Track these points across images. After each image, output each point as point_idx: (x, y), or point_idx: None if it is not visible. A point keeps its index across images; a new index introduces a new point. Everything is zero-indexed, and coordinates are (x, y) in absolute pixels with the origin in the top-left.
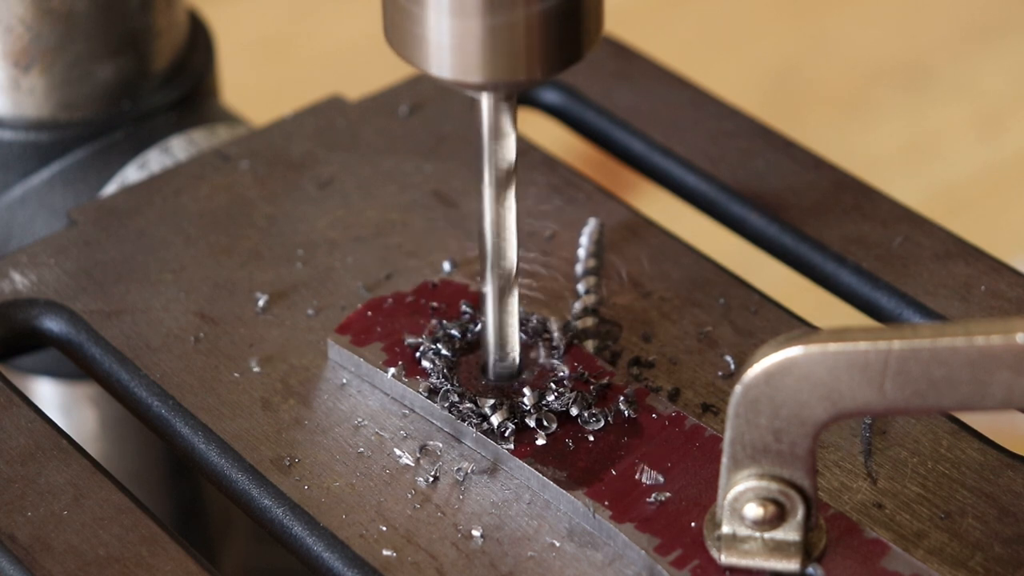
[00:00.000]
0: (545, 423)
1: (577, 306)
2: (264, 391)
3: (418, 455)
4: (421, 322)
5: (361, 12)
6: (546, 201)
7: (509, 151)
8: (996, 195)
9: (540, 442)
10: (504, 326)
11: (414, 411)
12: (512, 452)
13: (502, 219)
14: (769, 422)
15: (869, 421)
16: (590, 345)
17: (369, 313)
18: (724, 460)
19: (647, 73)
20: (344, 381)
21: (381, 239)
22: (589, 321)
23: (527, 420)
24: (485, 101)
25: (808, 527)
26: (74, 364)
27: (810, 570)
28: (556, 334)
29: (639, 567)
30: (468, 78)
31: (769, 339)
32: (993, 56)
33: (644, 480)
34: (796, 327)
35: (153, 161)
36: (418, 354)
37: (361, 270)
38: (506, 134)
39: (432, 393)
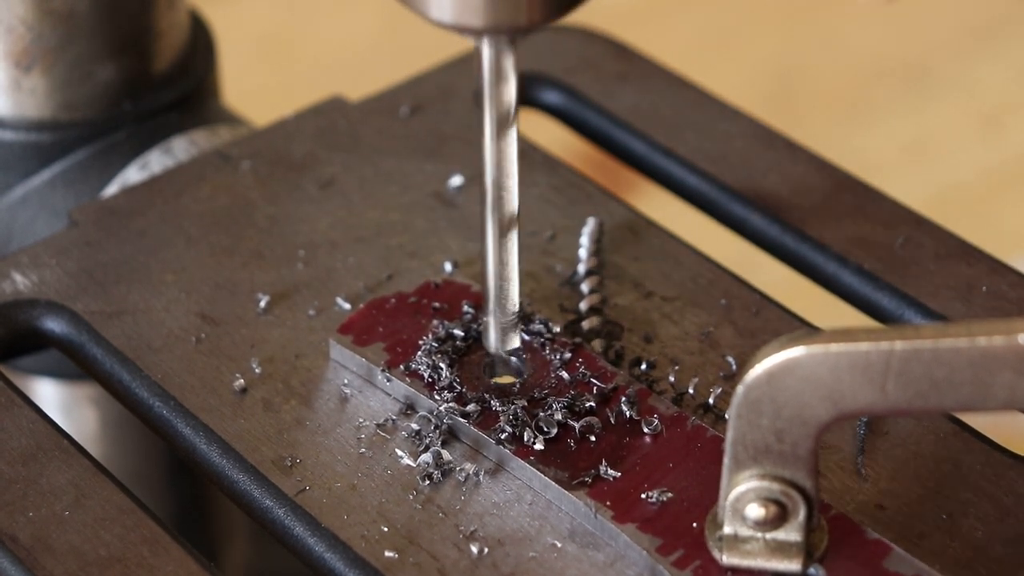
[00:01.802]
0: (546, 425)
1: (582, 306)
2: (265, 392)
3: (420, 456)
4: (423, 322)
5: (361, 12)
6: (547, 202)
7: (510, 97)
8: (997, 195)
9: (541, 443)
10: (504, 279)
11: (416, 411)
12: (514, 453)
13: (503, 168)
14: (771, 422)
15: (865, 419)
16: (597, 345)
17: (371, 313)
18: (726, 460)
19: (648, 73)
20: (346, 381)
21: (382, 239)
22: (595, 320)
23: (529, 421)
24: (486, 46)
25: (810, 528)
26: (75, 365)
27: (812, 571)
28: (559, 334)
29: (641, 567)
30: (469, 22)
31: (771, 340)
32: (993, 56)
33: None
34: (798, 328)
35: (154, 162)
36: (420, 354)
37: (362, 271)
38: (507, 80)
39: (434, 393)
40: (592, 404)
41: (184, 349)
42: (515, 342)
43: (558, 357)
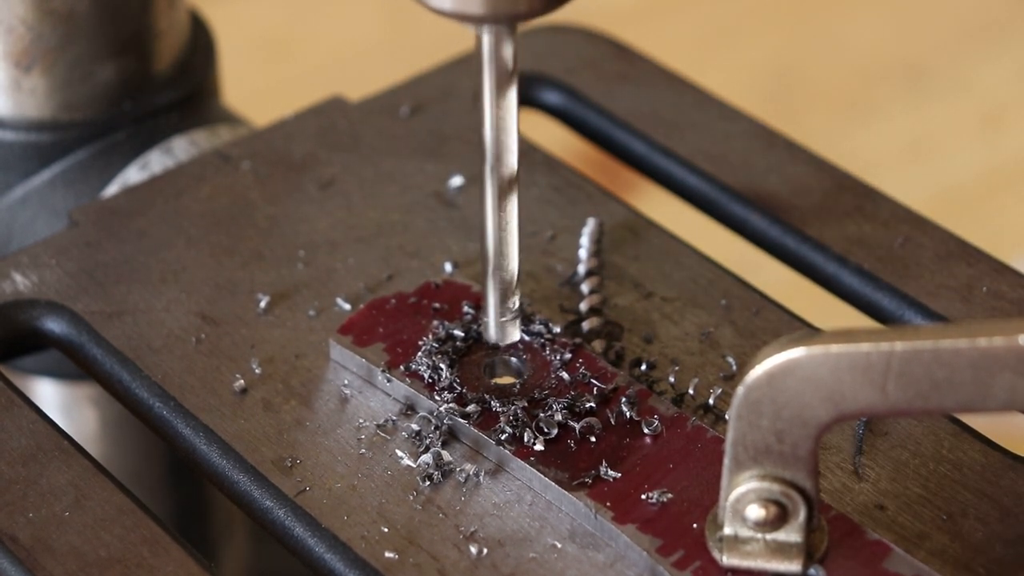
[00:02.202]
0: (547, 425)
1: (582, 306)
2: (265, 392)
3: (420, 456)
4: (423, 323)
5: (362, 12)
6: (547, 202)
7: (510, 88)
8: (997, 195)
9: (541, 444)
10: (504, 249)
11: (416, 412)
12: (514, 453)
13: (503, 162)
14: (771, 423)
15: (864, 419)
16: (597, 345)
17: (371, 314)
18: (726, 461)
19: (648, 73)
20: (346, 382)
21: (382, 240)
22: (595, 321)
23: (529, 422)
24: (486, 36)
25: (810, 528)
26: (75, 365)
27: (812, 571)
28: (559, 335)
29: (641, 568)
30: (468, 10)
31: (771, 340)
32: (993, 56)
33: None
34: (798, 328)
35: (154, 162)
36: (420, 355)
37: (362, 271)
38: (507, 70)
39: (434, 394)
40: (592, 405)
41: (184, 349)
42: (515, 333)
43: (558, 358)
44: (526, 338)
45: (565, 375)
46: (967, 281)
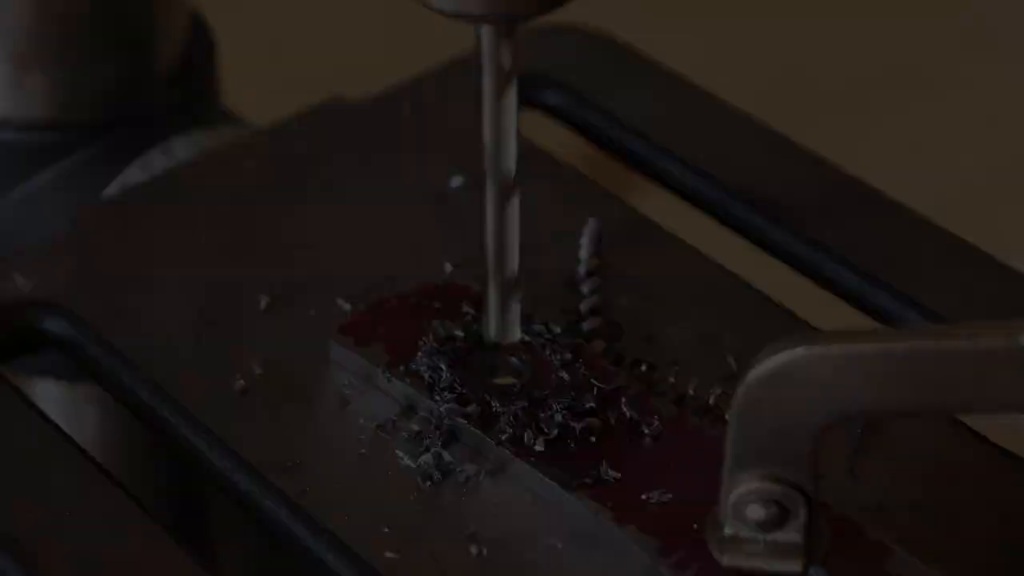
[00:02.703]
0: (547, 426)
1: (582, 306)
2: (265, 392)
3: (420, 456)
4: (423, 323)
5: (361, 12)
6: (547, 202)
7: (510, 89)
8: (997, 195)
9: (542, 444)
10: (504, 248)
11: (416, 412)
12: (514, 454)
13: (503, 165)
14: (771, 424)
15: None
16: (598, 345)
17: (372, 314)
18: (726, 461)
19: (648, 74)
20: (346, 382)
21: (382, 240)
22: (595, 321)
23: (529, 422)
24: (486, 35)
25: (810, 529)
26: (75, 365)
27: (812, 572)
28: (559, 335)
29: (641, 569)
30: (469, 9)
31: (771, 340)
32: (993, 56)
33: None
34: (798, 329)
35: (155, 162)
36: (420, 355)
37: (362, 271)
38: (508, 71)
39: (434, 395)
40: (592, 405)
41: (184, 349)
42: (515, 333)
43: (558, 358)
44: (526, 338)
45: (565, 375)
46: (967, 281)
